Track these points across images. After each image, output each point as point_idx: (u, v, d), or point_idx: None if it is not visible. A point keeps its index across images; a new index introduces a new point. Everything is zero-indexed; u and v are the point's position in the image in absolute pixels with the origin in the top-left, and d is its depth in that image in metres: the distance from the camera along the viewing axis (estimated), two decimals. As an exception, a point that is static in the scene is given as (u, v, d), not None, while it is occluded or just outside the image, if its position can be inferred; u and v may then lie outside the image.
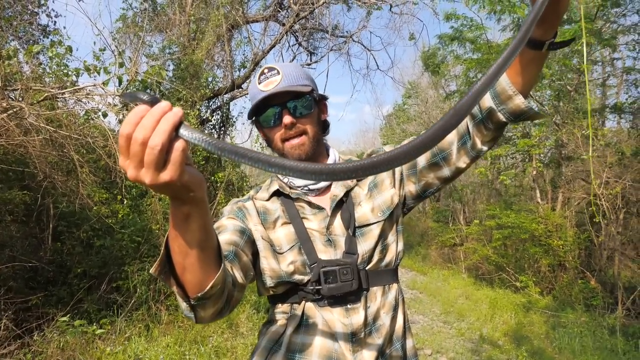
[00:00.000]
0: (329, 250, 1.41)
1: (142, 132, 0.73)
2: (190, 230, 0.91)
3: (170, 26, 9.20)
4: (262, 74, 1.46)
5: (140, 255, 6.27)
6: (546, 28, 1.05)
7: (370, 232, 1.45)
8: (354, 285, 1.35)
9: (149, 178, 0.76)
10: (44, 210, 5.81)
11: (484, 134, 1.33)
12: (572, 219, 9.49)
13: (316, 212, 1.46)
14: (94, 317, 5.48)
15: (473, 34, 9.66)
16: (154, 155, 0.73)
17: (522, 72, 1.17)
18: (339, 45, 11.43)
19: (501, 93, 1.22)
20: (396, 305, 1.48)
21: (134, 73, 4.48)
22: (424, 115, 17.59)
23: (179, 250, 0.96)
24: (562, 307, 8.04)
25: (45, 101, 4.65)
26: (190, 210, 0.88)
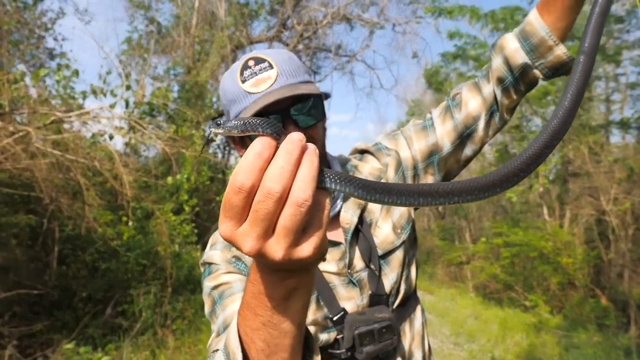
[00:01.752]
0: (353, 293, 1.15)
1: (280, 181, 0.51)
2: (290, 313, 0.64)
3: (175, 48, 9.28)
4: (245, 67, 1.08)
5: (146, 278, 6.20)
6: None
7: (395, 258, 1.22)
8: (394, 343, 1.11)
9: (283, 251, 0.53)
10: (49, 234, 5.77)
11: (512, 98, 1.19)
12: (581, 236, 9.39)
13: (331, 249, 1.16)
14: (99, 342, 5.38)
15: (476, 52, 9.69)
16: (300, 217, 0.52)
17: (564, 15, 1.06)
18: (342, 64, 11.54)
19: (539, 45, 1.08)
20: (422, 331, 1.30)
21: (141, 96, 4.48)
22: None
23: (265, 346, 0.66)
24: (574, 327, 7.89)
25: (52, 124, 4.65)
26: (299, 282, 0.62)
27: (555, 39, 1.06)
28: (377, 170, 1.30)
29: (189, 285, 6.65)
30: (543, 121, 10.10)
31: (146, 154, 8.40)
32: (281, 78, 1.06)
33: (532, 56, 1.10)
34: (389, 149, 1.34)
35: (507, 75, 1.16)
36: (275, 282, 0.62)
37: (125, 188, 4.55)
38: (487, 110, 1.23)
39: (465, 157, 1.30)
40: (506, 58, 1.14)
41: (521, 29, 1.12)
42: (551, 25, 1.06)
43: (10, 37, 5.47)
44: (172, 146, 4.75)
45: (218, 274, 1.10)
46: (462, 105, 1.26)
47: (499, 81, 1.18)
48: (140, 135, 4.82)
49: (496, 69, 1.18)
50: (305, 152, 0.54)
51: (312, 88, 1.09)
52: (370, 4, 11.04)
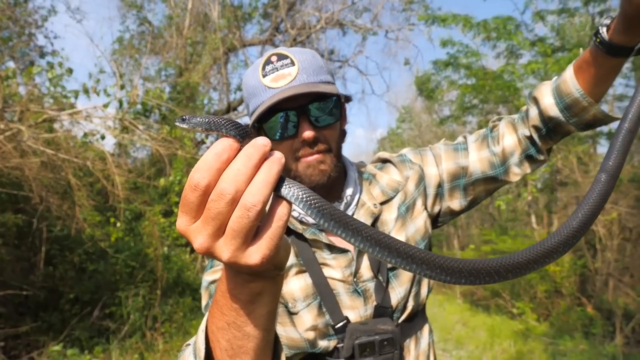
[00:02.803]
0: (357, 303, 1.13)
1: (234, 183, 0.51)
2: (254, 318, 0.63)
3: (167, 49, 9.23)
4: (267, 62, 1.07)
5: (135, 280, 6.12)
6: (632, 34, 0.95)
7: (405, 273, 1.18)
8: (395, 357, 1.08)
9: (229, 253, 0.53)
10: (37, 234, 5.68)
11: (548, 143, 1.20)
12: (567, 245, 9.50)
13: (337, 255, 1.14)
14: (86, 344, 5.30)
15: (468, 60, 9.78)
16: (248, 221, 0.51)
17: (599, 82, 1.06)
18: (335, 69, 11.54)
19: (573, 105, 1.09)
20: (428, 351, 1.27)
21: (135, 96, 4.44)
22: (417, 140, 17.74)
23: (228, 347, 0.66)
24: (560, 335, 7.96)
25: (43, 123, 4.58)
26: (264, 288, 0.62)
27: (590, 100, 1.07)
28: (396, 183, 1.28)
29: (177, 288, 6.59)
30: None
31: (135, 155, 8.33)
32: (301, 75, 1.05)
33: (566, 114, 1.12)
34: (413, 163, 1.31)
35: (542, 126, 1.17)
36: (240, 283, 0.61)
37: (117, 189, 4.49)
38: (522, 149, 1.23)
39: (495, 187, 1.30)
40: (541, 111, 1.16)
41: (557, 84, 1.13)
42: (585, 88, 1.07)
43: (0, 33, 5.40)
44: (166, 147, 4.71)
45: (217, 269, 1.10)
46: (499, 139, 1.26)
47: (535, 129, 1.19)
48: (132, 135, 4.77)
49: (532, 119, 1.19)
50: (267, 159, 0.53)
51: (332, 88, 1.08)
52: (363, 10, 11.12)
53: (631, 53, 0.97)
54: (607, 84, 1.08)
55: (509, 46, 9.37)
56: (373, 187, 1.27)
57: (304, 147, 1.07)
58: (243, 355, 0.66)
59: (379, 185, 1.28)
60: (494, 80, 8.93)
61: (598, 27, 1.00)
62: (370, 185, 1.28)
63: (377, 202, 1.22)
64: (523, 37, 9.22)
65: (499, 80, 8.90)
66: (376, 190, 1.27)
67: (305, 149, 1.08)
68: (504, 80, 9.04)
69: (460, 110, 10.84)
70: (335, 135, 1.12)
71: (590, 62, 1.04)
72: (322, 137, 1.09)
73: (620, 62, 1.02)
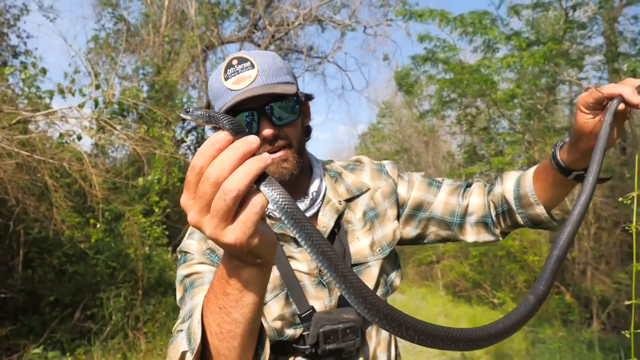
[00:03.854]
0: (322, 294, 1.19)
1: (218, 169, 0.58)
2: (242, 305, 0.71)
3: (144, 47, 9.13)
4: (229, 65, 1.13)
5: (116, 281, 6.08)
6: (577, 156, 1.06)
7: (369, 271, 1.24)
8: (357, 344, 1.15)
9: (210, 229, 0.61)
10: (14, 237, 5.60)
11: (502, 225, 1.31)
12: (547, 235, 9.68)
13: (303, 249, 1.17)
14: (68, 346, 5.27)
15: (445, 55, 9.89)
16: (225, 203, 0.58)
17: (549, 189, 1.17)
18: (314, 65, 11.59)
19: (523, 197, 1.20)
20: (390, 337, 1.33)
21: (111, 95, 4.40)
22: (398, 134, 17.83)
23: (218, 330, 0.75)
24: (540, 323, 8.14)
25: (17, 124, 4.52)
26: (252, 278, 0.69)
27: (536, 198, 1.17)
28: (360, 184, 1.33)
29: (159, 288, 6.56)
30: (510, 123, 10.39)
31: (114, 155, 8.24)
32: (260, 77, 1.10)
33: (517, 203, 1.22)
34: (388, 176, 1.37)
35: (499, 205, 1.28)
36: (232, 269, 0.69)
37: (95, 189, 4.46)
38: (482, 214, 1.32)
39: (445, 236, 1.37)
40: (502, 191, 1.27)
41: (521, 175, 1.26)
42: (537, 189, 1.18)
43: (-28, 33, 5.30)
44: (143, 147, 4.69)
45: (192, 263, 1.13)
46: (469, 195, 1.35)
47: (493, 205, 1.30)
48: (110, 135, 4.73)
49: (494, 195, 1.31)
50: (255, 155, 0.60)
51: (290, 88, 1.12)
52: (341, 5, 11.15)
53: (570, 175, 1.09)
54: (555, 194, 1.18)
55: (485, 40, 9.49)
56: (338, 185, 1.32)
57: (264, 144, 1.11)
58: (231, 340, 0.74)
59: (344, 183, 1.33)
60: (471, 75, 9.04)
61: (560, 141, 1.12)
62: (335, 183, 1.32)
63: (341, 199, 1.27)
64: (499, 32, 9.35)
65: (476, 74, 9.02)
66: (341, 188, 1.31)
67: (266, 146, 1.12)
68: (481, 74, 9.17)
69: (439, 105, 10.96)
70: (295, 133, 1.17)
71: (544, 169, 1.17)
72: (282, 134, 1.13)
73: (564, 181, 1.13)
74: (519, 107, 10.01)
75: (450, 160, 13.63)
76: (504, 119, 10.33)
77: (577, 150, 1.05)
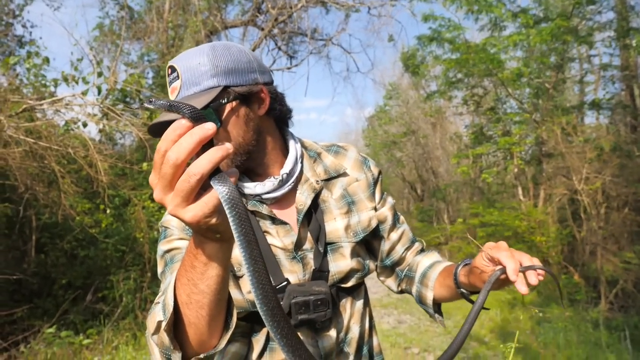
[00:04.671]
0: (296, 267, 1.23)
1: (176, 152, 0.64)
2: (207, 277, 0.79)
3: (148, 33, 9.16)
4: (167, 74, 1.16)
5: (125, 264, 6.25)
6: (466, 282, 1.21)
7: (341, 250, 1.28)
8: (327, 315, 1.20)
9: (172, 207, 0.67)
10: (27, 223, 5.77)
11: (402, 284, 1.51)
12: (554, 215, 9.64)
13: (278, 226, 1.24)
14: (80, 327, 5.45)
15: (451, 34, 9.78)
16: (189, 185, 0.65)
17: (442, 286, 1.33)
18: (318, 48, 11.49)
19: (425, 277, 1.39)
20: (364, 308, 1.38)
21: (113, 82, 4.48)
22: (405, 116, 17.71)
23: (188, 301, 0.82)
24: (547, 303, 8.17)
25: (24, 113, 4.63)
26: (213, 252, 0.77)
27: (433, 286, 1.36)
28: (339, 165, 1.36)
29: (168, 271, 6.70)
30: (518, 103, 10.28)
31: (122, 142, 8.37)
32: (183, 89, 1.11)
33: (419, 278, 1.42)
34: (369, 170, 1.42)
35: (410, 270, 1.48)
36: (198, 244, 0.76)
37: (101, 175, 4.57)
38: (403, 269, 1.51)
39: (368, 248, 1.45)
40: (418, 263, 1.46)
41: (438, 262, 1.44)
42: (438, 280, 1.35)
43: (-23, 24, 5.40)
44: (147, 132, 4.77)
45: (172, 239, 1.19)
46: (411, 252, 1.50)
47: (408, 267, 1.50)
48: (113, 122, 4.82)
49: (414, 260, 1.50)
50: (208, 138, 0.66)
51: (204, 99, 1.07)
52: (345, -14, 11.02)
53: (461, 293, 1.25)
54: (444, 294, 1.34)
55: (491, 19, 9.36)
56: (317, 165, 1.35)
57: None
58: (199, 309, 0.81)
59: (322, 163, 1.35)
60: (477, 54, 8.94)
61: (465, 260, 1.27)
62: (314, 163, 1.35)
63: (319, 179, 1.31)
64: (505, 9, 9.21)
65: (482, 54, 8.92)
66: (319, 168, 1.34)
67: None
68: (487, 53, 9.06)
69: (446, 85, 10.88)
70: (224, 138, 1.14)
71: (449, 272, 1.30)
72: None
73: (455, 291, 1.27)
74: (526, 86, 9.88)
75: (457, 141, 13.57)
76: (512, 98, 10.23)
77: (468, 277, 1.20)
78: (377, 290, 9.40)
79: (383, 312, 7.94)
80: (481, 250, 1.13)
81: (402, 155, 18.97)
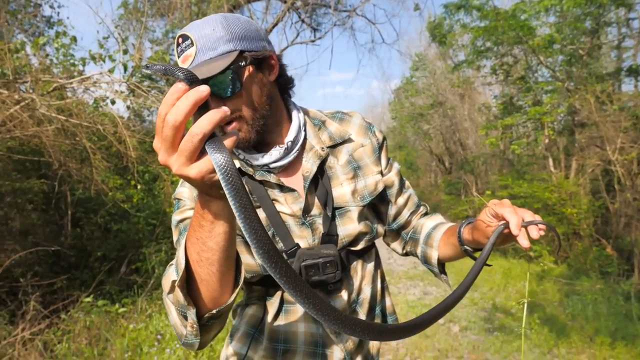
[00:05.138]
0: (306, 232, 1.27)
1: (175, 115, 0.68)
2: (215, 235, 0.83)
3: (172, 10, 9.20)
4: (177, 44, 1.15)
5: (156, 237, 6.46)
6: (470, 239, 1.24)
7: (349, 214, 1.31)
8: (337, 277, 1.24)
9: (176, 167, 0.71)
10: (62, 198, 6.01)
11: (407, 246, 1.55)
12: (587, 187, 9.41)
13: (286, 194, 1.27)
14: (116, 297, 5.70)
15: (479, 1, 9.47)
16: (192, 144, 0.69)
17: (446, 246, 1.36)
18: (342, 19, 11.29)
19: (430, 237, 1.42)
20: (375, 270, 1.42)
21: (138, 59, 4.56)
22: (432, 87, 17.35)
23: (198, 259, 0.87)
24: (577, 275, 8.05)
25: (54, 91, 4.78)
26: (219, 210, 0.81)
27: (438, 245, 1.39)
28: (343, 132, 1.39)
29: (197, 242, 6.90)
30: (550, 72, 9.94)
31: (150, 119, 8.53)
32: (199, 55, 1.10)
33: (424, 239, 1.45)
34: (374, 135, 1.44)
35: (414, 232, 1.52)
36: (204, 203, 0.81)
37: (130, 150, 4.71)
38: (408, 231, 1.54)
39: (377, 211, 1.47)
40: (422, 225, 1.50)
41: (442, 223, 1.48)
42: (442, 239, 1.38)
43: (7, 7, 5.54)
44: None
45: (185, 209, 1.23)
46: (416, 215, 1.55)
47: (413, 229, 1.53)
48: (140, 98, 4.93)
49: (418, 223, 1.53)
50: (203, 100, 0.69)
51: (224, 62, 1.09)
52: (371, -45, 10.74)
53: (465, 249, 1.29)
54: (449, 252, 1.37)
55: (522, -16, 9.01)
56: (322, 133, 1.37)
57: None
58: (210, 266, 0.86)
59: (327, 131, 1.38)
60: (506, 21, 8.65)
61: (467, 218, 1.32)
62: (319, 130, 1.38)
63: (324, 145, 1.33)
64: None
65: (512, 21, 8.62)
66: (324, 135, 1.37)
67: None
68: (517, 19, 8.75)
69: (474, 55, 10.58)
70: (242, 102, 1.16)
71: (453, 231, 1.34)
72: (230, 105, 1.12)
73: (459, 248, 1.31)
74: (559, 54, 9.52)
75: (486, 112, 13.27)
76: (544, 66, 9.90)
77: (472, 235, 1.23)
78: (404, 262, 9.44)
79: (409, 283, 7.99)
80: (486, 205, 1.16)
81: (429, 128, 18.70)
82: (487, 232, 1.15)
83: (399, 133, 23.53)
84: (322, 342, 1.29)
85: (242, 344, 1.32)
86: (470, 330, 5.72)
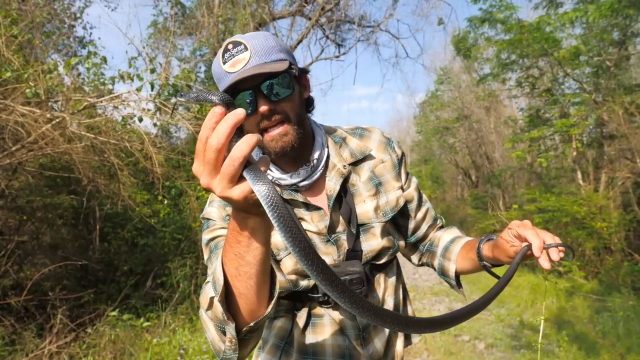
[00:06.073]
0: (331, 249, 1.31)
1: (217, 138, 0.70)
2: (252, 249, 0.86)
3: (200, 28, 9.44)
4: (225, 50, 1.19)
5: (181, 251, 6.55)
6: (490, 256, 1.27)
7: (373, 231, 1.34)
8: (363, 293, 1.28)
9: (219, 189, 0.73)
10: (90, 213, 6.17)
11: (423, 258, 1.60)
12: (617, 200, 9.15)
13: (312, 212, 1.31)
14: (141, 312, 5.78)
15: (503, 14, 9.42)
16: (233, 168, 0.71)
17: (464, 260, 1.41)
18: (366, 35, 11.38)
19: (448, 251, 1.46)
20: (397, 282, 1.46)
21: (165, 78, 4.68)
22: (457, 101, 17.23)
23: (237, 273, 0.90)
24: (609, 291, 7.80)
25: (85, 110, 4.93)
26: (256, 225, 0.83)
27: (455, 259, 1.44)
28: (364, 147, 1.42)
29: (222, 258, 6.97)
30: (578, 84, 9.76)
31: (177, 135, 8.72)
32: (253, 58, 1.16)
33: (442, 252, 1.50)
34: (394, 151, 1.48)
35: (431, 245, 1.56)
36: (241, 220, 0.83)
37: (155, 167, 4.82)
38: (425, 243, 1.59)
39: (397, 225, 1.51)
40: (439, 237, 1.55)
41: (459, 237, 1.52)
42: (461, 253, 1.43)
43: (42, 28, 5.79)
44: (197, 125, 4.97)
45: (214, 228, 1.27)
46: (432, 228, 1.59)
47: (430, 242, 1.58)
48: (167, 116, 5.05)
49: (435, 235, 1.58)
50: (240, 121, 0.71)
51: (281, 66, 1.16)
52: (393, -29, 10.84)
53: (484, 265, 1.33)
54: (467, 266, 1.41)
55: (546, -4, 8.93)
56: (343, 150, 1.40)
57: (263, 120, 1.19)
58: (248, 280, 0.89)
59: (348, 148, 1.41)
60: (531, 34, 8.57)
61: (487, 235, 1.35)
62: (340, 148, 1.40)
63: (346, 163, 1.37)
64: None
65: (537, 33, 8.54)
66: (345, 152, 1.40)
67: (264, 121, 1.19)
68: (542, 32, 8.67)
69: (499, 68, 10.50)
70: (292, 106, 1.22)
71: (472, 246, 1.38)
72: (279, 109, 1.19)
73: (478, 263, 1.34)
74: (586, 65, 9.37)
75: (512, 125, 13.08)
76: (570, 78, 9.74)
77: (492, 252, 1.26)
78: (429, 278, 9.31)
79: (434, 299, 7.87)
80: (509, 227, 1.20)
81: (454, 141, 18.55)
82: (508, 252, 1.18)
83: (425, 147, 23.45)
84: (349, 354, 1.33)
85: (272, 355, 1.35)
86: (497, 347, 5.59)
